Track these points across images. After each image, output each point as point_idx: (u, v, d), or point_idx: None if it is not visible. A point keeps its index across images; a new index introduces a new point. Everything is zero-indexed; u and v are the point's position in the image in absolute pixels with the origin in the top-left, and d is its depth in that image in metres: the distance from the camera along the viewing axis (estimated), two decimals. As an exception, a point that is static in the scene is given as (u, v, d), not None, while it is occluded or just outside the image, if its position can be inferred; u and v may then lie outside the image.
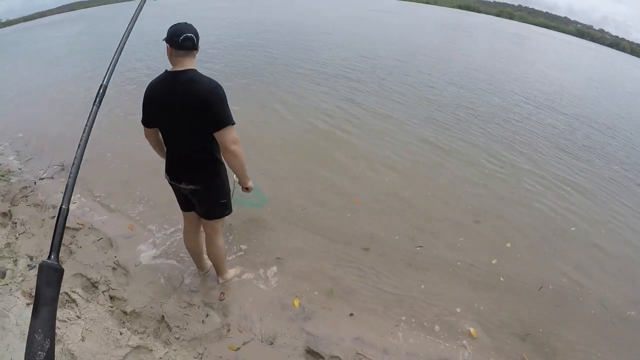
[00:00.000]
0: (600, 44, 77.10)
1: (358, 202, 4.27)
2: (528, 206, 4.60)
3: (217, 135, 1.94)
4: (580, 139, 7.51)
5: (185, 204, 2.37)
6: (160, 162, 2.43)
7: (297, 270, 3.16)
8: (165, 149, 2.23)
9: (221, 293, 2.80)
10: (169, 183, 2.26)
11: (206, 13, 22.36)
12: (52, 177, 5.12)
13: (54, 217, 4.17)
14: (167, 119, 2.03)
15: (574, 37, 71.23)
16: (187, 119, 1.93)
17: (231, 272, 2.90)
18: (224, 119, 1.91)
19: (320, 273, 3.14)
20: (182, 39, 1.82)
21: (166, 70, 1.96)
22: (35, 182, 4.95)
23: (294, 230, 3.70)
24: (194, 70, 1.90)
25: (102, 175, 5.06)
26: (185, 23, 1.89)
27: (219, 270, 2.76)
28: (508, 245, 3.69)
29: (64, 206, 1.04)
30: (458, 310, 2.88)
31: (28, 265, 3.19)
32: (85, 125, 1.18)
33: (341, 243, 3.54)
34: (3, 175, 5.20)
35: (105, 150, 5.69)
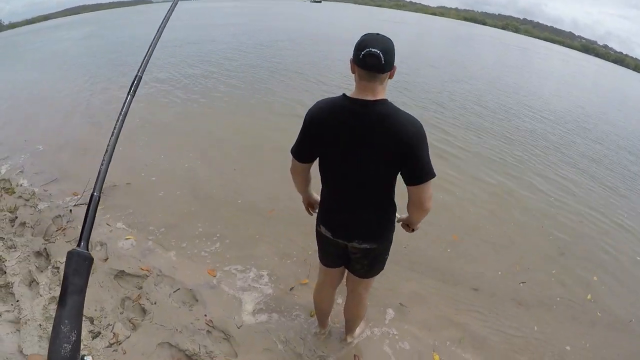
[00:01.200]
0: (605, 59, 78.27)
1: (455, 237, 4.10)
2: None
3: (413, 188, 1.54)
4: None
5: (337, 260, 1.94)
6: (221, 187, 2.77)
7: (421, 318, 2.94)
8: (308, 188, 1.90)
9: (355, 356, 2.47)
10: (323, 236, 1.82)
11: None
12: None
13: (106, 259, 3.53)
14: (339, 158, 1.58)
15: (580, 53, 72.07)
16: (373, 165, 1.52)
17: (359, 329, 2.56)
18: (428, 170, 1.50)
19: (445, 320, 2.96)
20: (385, 59, 1.36)
21: (345, 96, 1.51)
22: (70, 210, 4.07)
23: (402, 272, 3.44)
24: (387, 101, 1.47)
25: (153, 205, 4.38)
26: (382, 35, 1.43)
27: (351, 329, 2.44)
28: (595, 278, 3.78)
29: (95, 193, 0.90)
30: (568, 348, 2.92)
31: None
32: (120, 114, 0.98)
33: (451, 284, 3.39)
34: (28, 200, 4.33)
35: (148, 173, 4.92)
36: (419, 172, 1.48)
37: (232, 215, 4.26)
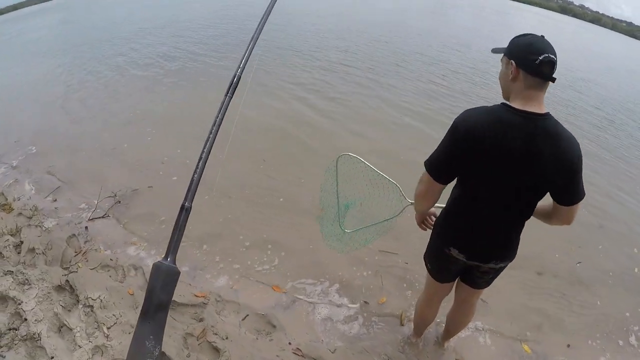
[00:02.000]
0: (582, 19, 78.25)
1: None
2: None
3: (565, 208, 1.46)
4: None
5: (455, 275, 1.86)
6: (254, 184, 3.43)
7: (501, 310, 2.94)
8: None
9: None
10: (449, 257, 1.66)
11: None
12: (107, 216, 3.58)
13: (145, 283, 2.92)
14: (494, 179, 1.41)
15: (557, 14, 71.69)
16: (531, 186, 1.41)
17: None
18: (582, 190, 1.43)
19: (522, 307, 3.01)
20: (555, 66, 1.29)
21: (508, 106, 1.35)
22: (86, 227, 3.41)
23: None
24: (551, 115, 1.34)
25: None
26: (543, 36, 1.32)
27: (452, 335, 2.41)
28: (635, 250, 3.94)
29: (187, 204, 0.88)
30: (627, 314, 3.14)
31: None
32: (216, 117, 0.98)
33: (517, 269, 3.18)
34: (31, 217, 3.63)
35: (167, 172, 4.29)
36: (575, 193, 1.42)
37: (278, 218, 3.73)
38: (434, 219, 1.78)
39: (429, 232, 1.84)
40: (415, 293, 2.96)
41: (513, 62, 1.32)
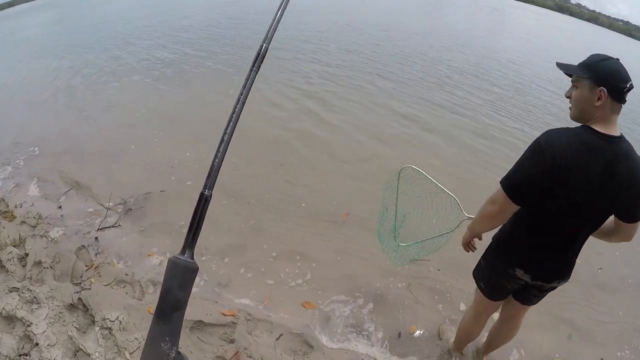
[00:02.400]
0: (579, 18, 78.77)
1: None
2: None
3: (629, 225, 1.49)
4: None
5: (509, 293, 1.82)
6: (272, 189, 3.45)
7: (533, 320, 2.74)
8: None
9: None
10: (510, 276, 1.64)
11: None
12: (119, 225, 3.34)
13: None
14: (573, 203, 1.42)
15: (554, 12, 72.02)
16: (606, 208, 1.46)
17: None
18: None
19: (552, 317, 2.93)
20: (630, 88, 1.34)
21: (592, 130, 1.36)
22: (96, 238, 3.16)
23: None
24: (624, 138, 1.39)
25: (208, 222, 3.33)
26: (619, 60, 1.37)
27: (493, 349, 2.37)
28: None
29: (206, 192, 0.77)
30: None
31: None
32: (240, 94, 0.83)
33: None
34: (35, 226, 3.37)
35: (179, 176, 4.11)
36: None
37: (302, 225, 3.55)
38: (477, 241, 1.79)
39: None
40: (448, 305, 2.90)
41: (604, 89, 1.32)
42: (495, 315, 2.20)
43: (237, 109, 0.92)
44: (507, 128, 6.27)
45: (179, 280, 0.70)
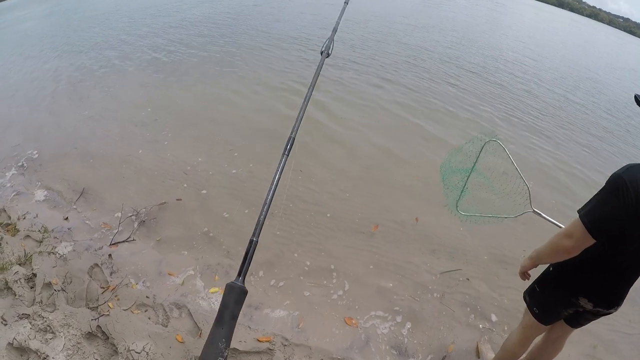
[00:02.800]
0: (580, 14, 79.10)
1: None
2: None
3: None
4: None
5: (560, 318, 1.87)
6: (294, 197, 3.40)
7: None
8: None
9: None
10: (569, 303, 1.69)
11: None
12: (133, 240, 3.10)
13: (199, 333, 2.54)
14: None
15: (555, 8, 72.12)
16: None
17: None
18: None
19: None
20: None
21: None
22: (109, 255, 2.92)
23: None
24: None
25: (225, 232, 3.40)
26: None
27: None
28: None
29: (254, 239, 1.10)
30: None
31: None
32: (276, 173, 1.15)
33: None
34: (41, 241, 3.12)
35: (194, 184, 3.94)
36: None
37: (332, 238, 3.37)
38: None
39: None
40: (480, 317, 2.85)
41: None
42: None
43: (272, 187, 1.14)
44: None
45: (234, 299, 0.87)
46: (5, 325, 2.56)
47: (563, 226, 1.66)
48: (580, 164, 5.21)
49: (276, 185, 1.14)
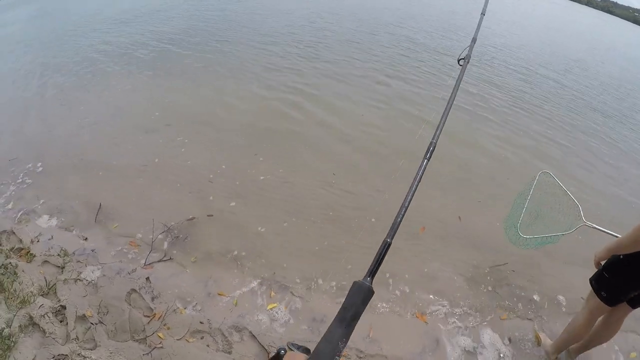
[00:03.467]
0: (593, 7, 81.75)
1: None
2: None
3: None
4: None
5: (626, 299, 2.11)
6: (333, 202, 3.28)
7: None
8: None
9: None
10: (630, 287, 2.00)
11: None
12: (169, 259, 2.80)
13: (269, 356, 2.25)
14: None
15: (568, 1, 74.25)
16: None
17: None
18: None
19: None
20: None
21: None
22: (147, 278, 2.63)
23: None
24: None
25: (266, 245, 3.15)
26: None
27: (588, 349, 2.50)
28: None
29: (389, 240, 1.03)
30: None
31: None
32: (415, 179, 1.12)
33: None
34: (63, 267, 2.80)
35: (221, 195, 3.70)
36: None
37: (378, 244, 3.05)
38: None
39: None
40: (529, 307, 2.88)
41: None
42: None
43: (413, 187, 1.08)
44: None
45: (362, 298, 0.86)
46: (39, 369, 2.20)
47: (617, 235, 2.05)
48: None
49: (416, 188, 1.09)
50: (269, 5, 12.34)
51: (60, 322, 2.49)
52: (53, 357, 2.24)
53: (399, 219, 1.29)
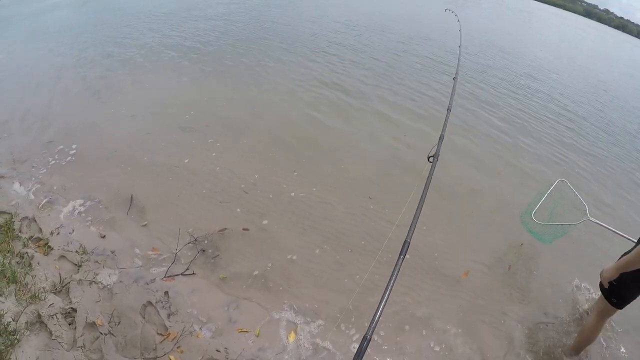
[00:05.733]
0: (607, 25, 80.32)
1: None
2: None
3: None
4: None
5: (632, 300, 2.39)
6: (370, 229, 3.27)
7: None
8: None
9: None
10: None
11: None
12: (192, 273, 2.72)
13: None
14: None
15: (583, 17, 73.01)
16: None
17: None
18: None
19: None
20: None
21: None
22: (166, 292, 2.56)
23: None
24: None
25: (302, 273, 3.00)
26: None
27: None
28: None
29: (368, 336, 0.98)
30: None
31: None
32: (391, 278, 1.08)
33: None
34: (80, 265, 2.74)
35: (254, 209, 3.60)
36: None
37: (419, 284, 3.06)
38: None
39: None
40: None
41: None
42: None
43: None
44: None
45: None
46: (40, 375, 2.11)
47: (618, 232, 2.75)
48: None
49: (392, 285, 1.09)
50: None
51: (69, 325, 2.42)
52: (56, 365, 2.14)
53: (378, 315, 1.23)
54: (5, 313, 2.34)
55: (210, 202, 3.43)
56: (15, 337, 2.23)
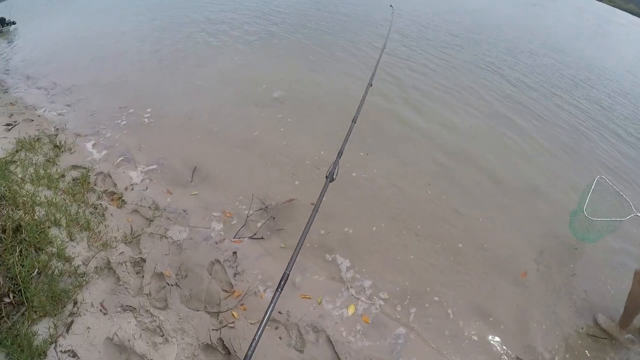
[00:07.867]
0: None
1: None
2: None
3: None
4: None
5: None
6: (441, 221, 3.14)
7: None
8: None
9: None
10: None
11: None
12: (261, 237, 2.68)
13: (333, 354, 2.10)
14: None
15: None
16: None
17: None
18: None
19: None
20: None
21: None
22: (234, 253, 2.54)
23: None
24: None
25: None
26: None
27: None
28: None
29: (287, 272, 1.03)
30: None
31: None
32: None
33: None
34: (152, 220, 2.86)
35: (320, 183, 3.21)
36: None
37: (469, 272, 2.88)
38: None
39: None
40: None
41: None
42: None
43: None
44: None
45: None
46: (105, 315, 2.18)
47: None
48: None
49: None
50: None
51: (137, 273, 2.49)
52: (121, 307, 2.21)
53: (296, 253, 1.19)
54: (77, 257, 2.47)
55: (284, 174, 3.47)
56: (84, 279, 2.34)
